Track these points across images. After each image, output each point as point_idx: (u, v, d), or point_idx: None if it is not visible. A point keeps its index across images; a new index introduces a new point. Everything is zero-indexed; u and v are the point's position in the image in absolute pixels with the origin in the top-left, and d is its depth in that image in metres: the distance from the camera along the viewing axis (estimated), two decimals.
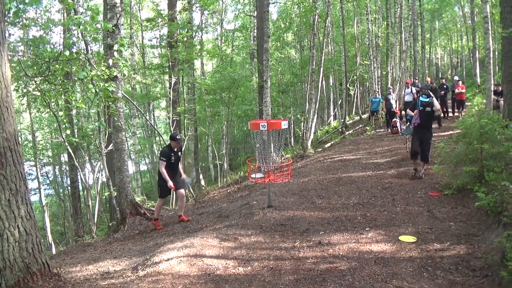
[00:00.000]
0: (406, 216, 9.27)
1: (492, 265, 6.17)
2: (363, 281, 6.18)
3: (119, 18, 12.62)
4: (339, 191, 12.03)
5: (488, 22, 17.19)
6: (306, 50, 35.95)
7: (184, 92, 29.24)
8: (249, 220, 9.92)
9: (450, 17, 57.14)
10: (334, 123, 35.04)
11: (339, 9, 32.71)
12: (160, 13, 26.77)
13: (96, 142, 19.44)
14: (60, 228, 32.19)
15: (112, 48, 11.45)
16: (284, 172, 11.30)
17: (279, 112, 34.69)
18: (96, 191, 21.81)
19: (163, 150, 11.69)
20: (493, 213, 7.81)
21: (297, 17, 35.24)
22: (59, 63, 9.87)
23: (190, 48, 24.68)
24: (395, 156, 15.88)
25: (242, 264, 7.19)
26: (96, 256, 9.79)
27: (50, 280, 6.38)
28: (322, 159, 18.14)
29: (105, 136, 18.46)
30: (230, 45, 43.28)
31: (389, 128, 22.83)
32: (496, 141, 10.03)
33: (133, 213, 13.16)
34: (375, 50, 31.64)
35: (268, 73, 19.11)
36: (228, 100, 25.39)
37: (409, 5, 32.76)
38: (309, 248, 7.73)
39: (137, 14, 34.74)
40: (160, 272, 6.93)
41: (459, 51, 59.34)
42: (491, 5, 23.16)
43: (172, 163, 11.58)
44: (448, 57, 70.40)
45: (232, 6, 45.17)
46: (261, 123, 10.12)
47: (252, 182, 13.94)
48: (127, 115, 28.87)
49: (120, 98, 12.84)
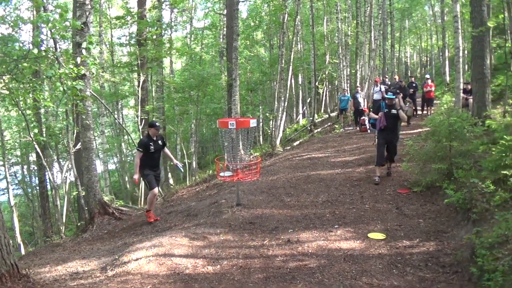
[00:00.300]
0: (375, 213, 9.38)
1: (461, 261, 6.29)
2: (332, 279, 6.24)
3: (88, 16, 12.53)
4: (308, 189, 12.09)
5: (458, 21, 17.37)
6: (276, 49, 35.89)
7: (152, 90, 29.13)
8: (218, 219, 9.92)
9: (420, 16, 57.60)
10: (303, 121, 35.16)
11: (309, 8, 32.77)
12: (129, 11, 26.61)
13: (64, 141, 19.27)
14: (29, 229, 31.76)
15: (81, 46, 11.38)
16: (252, 170, 11.34)
17: (248, 111, 34.66)
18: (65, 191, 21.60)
19: (140, 140, 11.27)
20: (462, 210, 7.95)
21: (267, 16, 35.24)
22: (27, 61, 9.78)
23: (159, 46, 24.61)
24: (363, 154, 16.00)
25: (211, 263, 7.20)
26: (65, 256, 9.73)
27: (19, 282, 6.32)
28: (291, 157, 18.20)
29: (73, 135, 18.30)
30: (199, 44, 43.13)
31: (357, 126, 23.01)
32: (465, 139, 10.20)
33: (102, 212, 13.07)
34: (345, 49, 31.88)
35: (237, 71, 19.12)
36: (197, 98, 25.38)
37: (379, 4, 33.11)
38: (278, 246, 7.78)
39: (106, 12, 34.42)
40: (129, 272, 6.92)
41: (429, 50, 60.07)
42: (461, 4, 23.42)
43: (152, 153, 11.03)
44: (418, 55, 71.04)
45: (202, 4, 44.99)
46: (229, 122, 10.15)
47: (221, 180, 13.93)
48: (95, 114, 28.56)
49: (88, 97, 12.76)
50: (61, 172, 22.80)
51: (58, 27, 9.88)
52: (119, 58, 36.93)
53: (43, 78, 13.94)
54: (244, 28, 37.33)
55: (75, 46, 12.20)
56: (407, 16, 54.97)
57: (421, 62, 67.29)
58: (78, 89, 10.61)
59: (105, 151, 33.69)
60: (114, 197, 23.75)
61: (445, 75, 36.45)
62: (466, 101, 18.13)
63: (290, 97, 34.78)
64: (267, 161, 19.75)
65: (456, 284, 5.78)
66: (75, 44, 12.22)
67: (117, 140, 37.17)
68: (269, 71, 33.63)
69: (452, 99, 20.90)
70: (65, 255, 9.99)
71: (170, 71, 39.67)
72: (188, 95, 26.23)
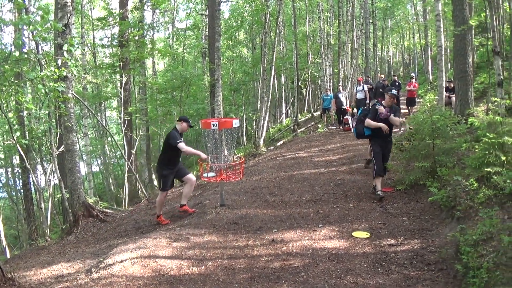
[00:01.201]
0: (359, 212, 9.39)
1: (446, 258, 6.33)
2: (317, 278, 6.25)
3: (70, 17, 12.47)
4: (292, 189, 12.11)
5: (440, 20, 17.46)
6: (258, 49, 35.99)
7: (135, 91, 29.07)
8: (202, 220, 9.91)
9: (402, 15, 57.95)
10: (286, 121, 35.27)
11: (291, 8, 32.93)
12: (111, 12, 26.48)
13: (47, 143, 19.17)
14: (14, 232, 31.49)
15: (62, 48, 11.34)
16: (236, 170, 11.36)
17: (231, 111, 34.68)
18: (49, 193, 21.46)
19: (173, 133, 10.23)
20: (446, 208, 8.00)
21: (249, 16, 35.36)
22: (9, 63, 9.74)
23: (141, 47, 24.50)
24: (347, 153, 16.08)
25: (196, 264, 7.21)
26: (50, 259, 9.70)
27: (5, 285, 6.32)
28: (275, 157, 18.24)
29: (56, 137, 18.20)
30: (181, 44, 43.01)
31: (340, 126, 23.10)
32: (448, 137, 10.25)
33: (86, 215, 13.04)
34: (327, 48, 31.94)
35: (219, 71, 19.12)
36: (180, 99, 25.32)
37: (361, 4, 33.28)
38: (263, 246, 7.78)
39: (88, 13, 34.32)
40: (113, 274, 6.92)
41: (411, 49, 60.37)
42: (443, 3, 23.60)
43: (178, 150, 10.27)
44: (400, 54, 71.41)
45: (184, 5, 44.89)
46: (212, 122, 10.12)
47: (204, 181, 13.95)
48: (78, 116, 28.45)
49: (71, 98, 12.70)
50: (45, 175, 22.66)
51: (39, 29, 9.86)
52: (102, 59, 36.84)
53: (25, 81, 13.88)
54: (226, 29, 37.48)
55: (57, 47, 12.15)
56: (389, 15, 55.25)
57: (404, 61, 67.67)
58: (60, 91, 10.58)
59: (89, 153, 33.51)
60: (98, 199, 23.68)
61: (428, 74, 36.73)
62: (449, 99, 18.27)
63: (273, 97, 34.90)
64: (251, 161, 19.79)
65: (441, 282, 5.79)
66: (57, 46, 12.17)
67: (100, 142, 37.02)
68: (252, 71, 33.71)
69: (435, 97, 21.06)
70: (50, 258, 9.96)
71: (153, 72, 39.63)
72: (171, 96, 26.19)
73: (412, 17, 56.08)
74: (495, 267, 5.28)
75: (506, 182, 6.97)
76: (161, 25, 41.83)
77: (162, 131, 29.35)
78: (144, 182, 26.80)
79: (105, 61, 32.80)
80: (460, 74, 14.67)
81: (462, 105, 14.37)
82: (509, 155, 7.49)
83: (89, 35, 34.57)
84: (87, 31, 33.10)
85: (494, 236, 5.85)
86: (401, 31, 58.37)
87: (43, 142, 21.49)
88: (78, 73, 11.60)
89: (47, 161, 26.24)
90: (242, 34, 43.57)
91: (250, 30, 37.84)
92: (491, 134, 7.79)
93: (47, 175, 22.26)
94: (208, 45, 26.21)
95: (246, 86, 37.70)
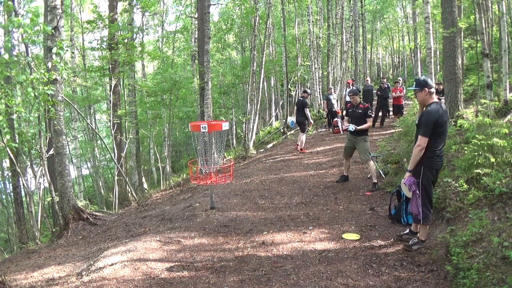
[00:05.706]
0: (349, 214, 9.45)
1: (436, 260, 6.39)
2: (308, 280, 6.28)
3: (59, 20, 12.46)
4: (282, 191, 12.15)
5: (430, 22, 17.53)
6: (247, 51, 36.04)
7: (125, 94, 28.96)
8: (192, 222, 9.94)
9: (392, 17, 58.11)
10: (276, 123, 35.24)
11: (281, 10, 32.94)
12: (100, 15, 26.36)
13: (37, 147, 19.11)
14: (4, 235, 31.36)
15: (52, 51, 11.33)
16: (226, 173, 11.38)
17: (221, 114, 34.72)
18: (39, 197, 21.39)
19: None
20: (436, 209, 8.04)
21: (239, 19, 35.43)
22: None
23: (130, 50, 24.44)
24: (336, 155, 16.12)
25: (186, 266, 7.23)
26: (40, 262, 9.69)
27: None
28: (265, 159, 18.26)
29: (46, 140, 18.15)
30: (171, 47, 43.02)
31: (330, 128, 23.13)
32: None
33: (76, 218, 13.02)
34: (316, 51, 31.98)
35: (209, 74, 19.15)
36: (170, 102, 25.29)
37: (351, 6, 33.27)
38: (253, 248, 7.81)
39: (77, 16, 34.24)
40: (104, 277, 6.93)
41: (401, 51, 60.49)
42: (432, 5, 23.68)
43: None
44: (390, 57, 71.50)
45: (174, 8, 44.98)
46: (202, 125, 10.15)
47: (194, 184, 13.95)
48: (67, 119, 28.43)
49: (60, 102, 12.69)
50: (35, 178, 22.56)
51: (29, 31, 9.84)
52: (91, 62, 36.71)
53: (14, 84, 13.84)
54: (216, 31, 37.49)
55: (47, 50, 12.13)
56: (378, 18, 55.39)
57: (393, 63, 67.76)
58: (49, 94, 10.56)
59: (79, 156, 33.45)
60: (88, 202, 23.62)
61: (418, 76, 36.83)
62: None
63: (263, 99, 34.93)
64: (241, 163, 19.79)
65: (432, 283, 5.83)
66: (47, 49, 12.15)
67: (90, 145, 36.89)
68: (241, 74, 33.76)
69: None
70: (41, 261, 9.95)
71: (142, 74, 39.59)
72: (161, 99, 26.16)
73: (401, 20, 56.23)
74: (485, 268, 5.35)
75: (496, 183, 7.03)
76: (150, 28, 41.71)
77: (152, 134, 29.31)
78: (134, 185, 26.77)
79: (95, 64, 32.64)
80: (450, 76, 14.73)
81: (452, 107, 14.43)
82: (498, 157, 7.55)
83: (79, 38, 34.45)
84: (76, 34, 33.02)
85: (484, 237, 5.92)
86: (390, 34, 58.44)
87: (33, 145, 21.37)
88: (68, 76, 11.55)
89: (37, 164, 26.18)
90: (232, 37, 43.60)
91: (240, 32, 37.92)
92: (480, 135, 7.86)
93: (37, 178, 22.16)
94: (198, 47, 26.20)
95: (236, 89, 37.67)
